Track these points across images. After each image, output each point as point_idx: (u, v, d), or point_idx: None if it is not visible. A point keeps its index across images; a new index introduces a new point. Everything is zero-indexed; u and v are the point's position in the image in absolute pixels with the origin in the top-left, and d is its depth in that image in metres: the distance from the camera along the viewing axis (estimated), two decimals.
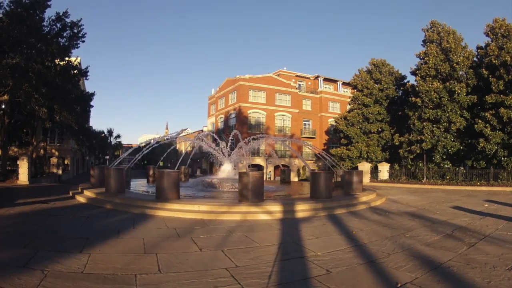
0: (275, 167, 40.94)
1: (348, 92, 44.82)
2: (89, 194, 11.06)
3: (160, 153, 26.45)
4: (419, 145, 25.10)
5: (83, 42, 21.64)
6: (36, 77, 18.07)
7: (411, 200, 12.70)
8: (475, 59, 25.42)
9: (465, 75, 24.66)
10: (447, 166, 24.75)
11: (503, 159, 22.02)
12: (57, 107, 20.93)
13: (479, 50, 25.29)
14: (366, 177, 23.23)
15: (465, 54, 24.63)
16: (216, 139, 19.16)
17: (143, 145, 21.52)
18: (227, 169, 17.21)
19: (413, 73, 27.52)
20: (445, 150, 24.40)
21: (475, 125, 22.59)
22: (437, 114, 24.36)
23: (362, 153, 30.17)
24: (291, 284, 3.77)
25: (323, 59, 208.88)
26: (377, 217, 8.53)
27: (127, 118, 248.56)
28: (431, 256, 4.89)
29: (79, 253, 4.72)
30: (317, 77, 49.42)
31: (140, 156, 16.18)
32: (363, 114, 31.53)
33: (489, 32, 23.77)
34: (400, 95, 31.33)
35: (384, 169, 25.58)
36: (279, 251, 5.11)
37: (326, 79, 49.97)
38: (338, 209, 9.40)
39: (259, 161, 41.19)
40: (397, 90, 31.46)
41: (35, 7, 18.80)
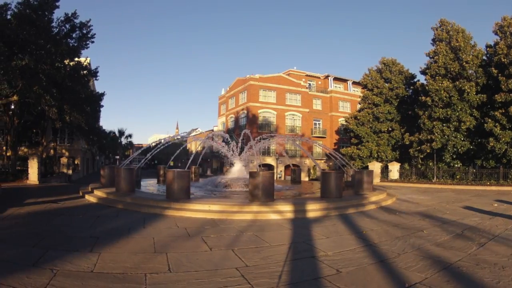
0: (286, 166, 40.93)
1: (358, 92, 44.57)
2: (99, 193, 11.08)
3: (171, 152, 26.58)
4: (429, 144, 24.89)
5: (92, 42, 21.92)
6: (46, 78, 18.20)
7: (421, 200, 12.58)
8: (484, 57, 25.08)
9: (474, 74, 24.36)
10: (457, 165, 24.50)
11: None
12: (67, 107, 21.11)
13: (488, 49, 24.96)
14: (376, 176, 23.04)
15: (474, 53, 24.35)
16: (227, 138, 19.17)
17: (153, 144, 21.65)
18: (237, 169, 17.17)
19: (423, 72, 27.25)
20: (455, 149, 24.16)
21: (485, 124, 22.31)
22: (447, 113, 24.14)
23: (373, 152, 30.04)
24: (301, 283, 3.76)
25: (333, 58, 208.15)
26: (387, 217, 8.47)
27: (138, 118, 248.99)
28: (440, 256, 4.86)
29: (89, 252, 4.76)
30: (327, 77, 49.21)
31: (151, 155, 16.25)
32: (373, 113, 31.35)
33: (497, 31, 23.46)
34: (410, 94, 31.01)
35: (394, 169, 25.37)
36: (289, 251, 5.11)
37: (336, 79, 49.73)
38: (349, 208, 9.33)
39: (269, 160, 41.23)
40: (407, 89, 31.12)
41: (44, 8, 18.92)
